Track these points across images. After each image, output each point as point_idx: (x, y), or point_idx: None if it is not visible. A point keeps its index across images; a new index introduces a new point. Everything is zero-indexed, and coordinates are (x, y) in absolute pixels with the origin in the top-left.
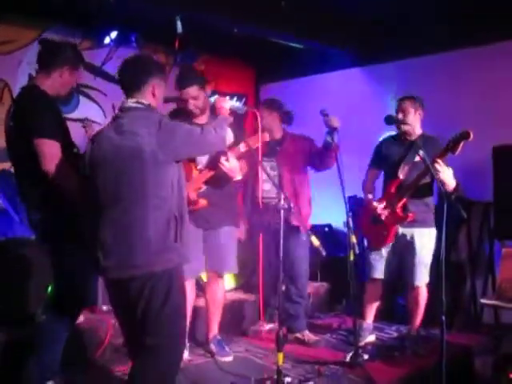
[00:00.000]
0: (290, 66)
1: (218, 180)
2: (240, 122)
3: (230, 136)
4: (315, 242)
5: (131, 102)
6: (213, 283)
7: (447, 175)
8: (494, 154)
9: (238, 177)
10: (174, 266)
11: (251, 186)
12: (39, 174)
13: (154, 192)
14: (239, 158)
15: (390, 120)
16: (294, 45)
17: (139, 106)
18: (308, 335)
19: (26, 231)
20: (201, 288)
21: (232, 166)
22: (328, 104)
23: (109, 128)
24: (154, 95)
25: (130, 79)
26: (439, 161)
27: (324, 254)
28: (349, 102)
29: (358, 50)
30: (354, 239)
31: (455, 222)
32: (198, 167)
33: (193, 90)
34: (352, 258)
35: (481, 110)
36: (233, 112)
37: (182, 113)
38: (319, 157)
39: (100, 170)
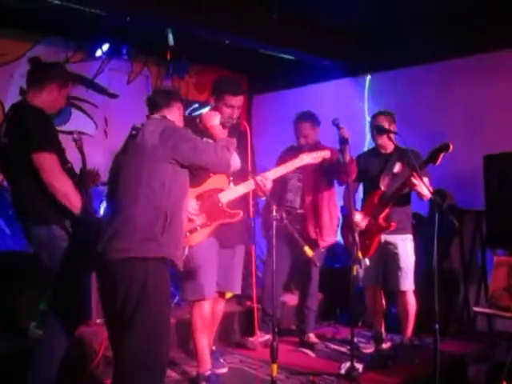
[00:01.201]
0: (282, 76)
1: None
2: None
3: (235, 162)
4: (308, 252)
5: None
6: (215, 301)
7: (423, 188)
8: (485, 163)
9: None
10: (154, 256)
11: (278, 195)
12: (39, 188)
13: (146, 182)
14: None
15: (381, 130)
16: (285, 56)
17: (157, 116)
18: (312, 337)
19: (17, 244)
20: None
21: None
22: (320, 114)
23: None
24: (172, 112)
25: (154, 101)
26: (416, 175)
27: (318, 265)
28: (340, 112)
29: (349, 61)
30: (360, 255)
31: (447, 230)
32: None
33: (242, 99)
34: (355, 272)
35: (471, 120)
36: (224, 125)
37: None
38: (333, 171)
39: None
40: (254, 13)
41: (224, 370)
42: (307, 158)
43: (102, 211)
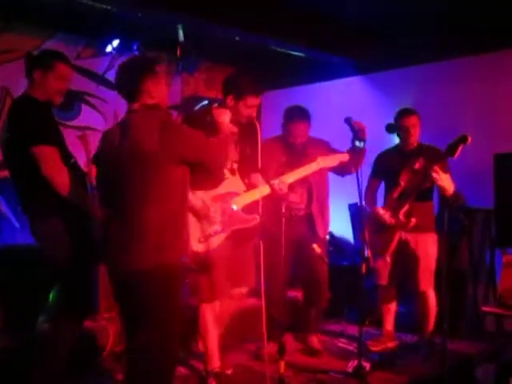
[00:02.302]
0: (292, 73)
1: None
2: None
3: (230, 156)
4: (317, 249)
5: (135, 105)
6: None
7: (445, 181)
8: (495, 162)
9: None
10: (166, 263)
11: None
12: (39, 183)
13: (152, 187)
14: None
15: (391, 128)
16: (295, 53)
17: (142, 107)
18: (315, 340)
19: (27, 238)
20: None
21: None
22: (330, 112)
23: (114, 131)
24: (151, 94)
25: (124, 86)
26: (436, 169)
27: (326, 261)
28: (350, 110)
29: (360, 59)
30: (368, 253)
31: (456, 228)
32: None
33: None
34: (364, 270)
35: (482, 118)
36: (235, 123)
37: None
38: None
39: (105, 170)
40: (264, 9)
41: (229, 371)
42: (323, 162)
43: None
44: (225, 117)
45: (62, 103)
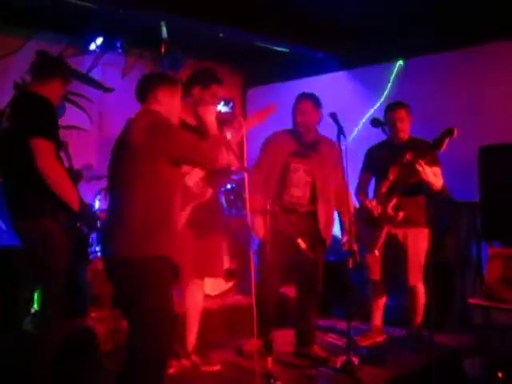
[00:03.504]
0: (276, 69)
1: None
2: None
3: (223, 160)
4: (302, 244)
5: (142, 106)
6: (195, 288)
7: (430, 175)
8: (480, 155)
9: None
10: (150, 256)
11: (277, 189)
12: (31, 179)
13: (138, 181)
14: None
15: (376, 123)
16: (280, 49)
17: (145, 108)
18: (317, 350)
19: (13, 239)
20: None
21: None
22: None
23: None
24: (160, 101)
25: (138, 92)
26: (421, 162)
27: (311, 256)
28: (336, 105)
29: (345, 54)
30: (355, 246)
31: (443, 222)
32: None
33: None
34: (351, 265)
35: (467, 110)
36: (219, 120)
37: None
38: None
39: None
40: (249, 5)
41: (217, 367)
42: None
43: (96, 205)
44: (211, 115)
45: None
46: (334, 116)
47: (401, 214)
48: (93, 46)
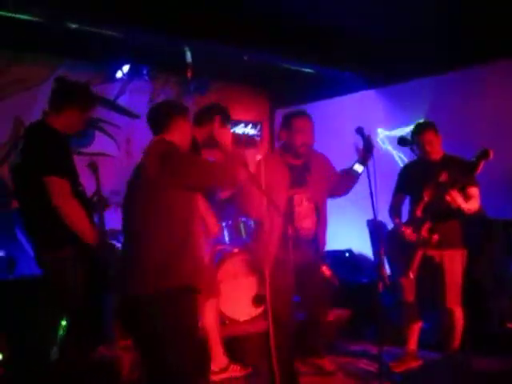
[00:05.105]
0: (304, 89)
1: None
2: None
3: (242, 175)
4: (326, 272)
5: (156, 137)
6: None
7: (462, 203)
8: None
9: None
10: (170, 287)
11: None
12: (47, 211)
13: (154, 212)
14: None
15: (403, 142)
16: (306, 70)
17: (158, 141)
18: (326, 362)
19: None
20: None
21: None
22: (343, 127)
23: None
24: (173, 130)
25: (152, 123)
26: (451, 192)
27: (336, 283)
28: (363, 124)
29: (372, 72)
30: (386, 271)
31: (476, 241)
32: None
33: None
34: (381, 288)
35: (500, 127)
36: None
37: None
38: (338, 183)
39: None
40: (272, 27)
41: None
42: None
43: None
44: (227, 137)
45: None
46: (360, 131)
47: (435, 237)
48: (119, 74)
